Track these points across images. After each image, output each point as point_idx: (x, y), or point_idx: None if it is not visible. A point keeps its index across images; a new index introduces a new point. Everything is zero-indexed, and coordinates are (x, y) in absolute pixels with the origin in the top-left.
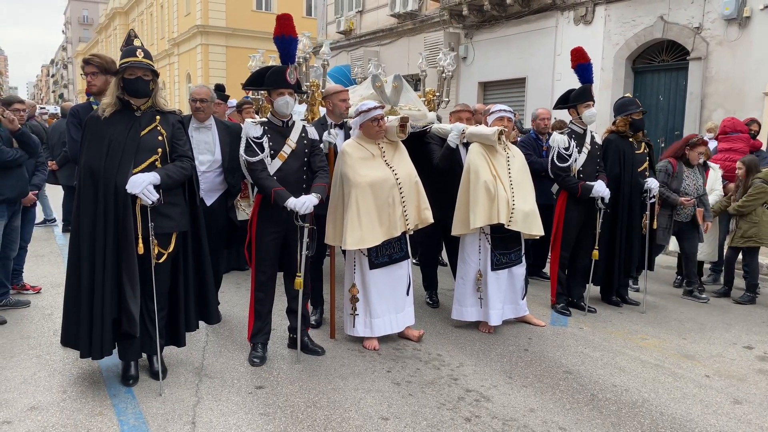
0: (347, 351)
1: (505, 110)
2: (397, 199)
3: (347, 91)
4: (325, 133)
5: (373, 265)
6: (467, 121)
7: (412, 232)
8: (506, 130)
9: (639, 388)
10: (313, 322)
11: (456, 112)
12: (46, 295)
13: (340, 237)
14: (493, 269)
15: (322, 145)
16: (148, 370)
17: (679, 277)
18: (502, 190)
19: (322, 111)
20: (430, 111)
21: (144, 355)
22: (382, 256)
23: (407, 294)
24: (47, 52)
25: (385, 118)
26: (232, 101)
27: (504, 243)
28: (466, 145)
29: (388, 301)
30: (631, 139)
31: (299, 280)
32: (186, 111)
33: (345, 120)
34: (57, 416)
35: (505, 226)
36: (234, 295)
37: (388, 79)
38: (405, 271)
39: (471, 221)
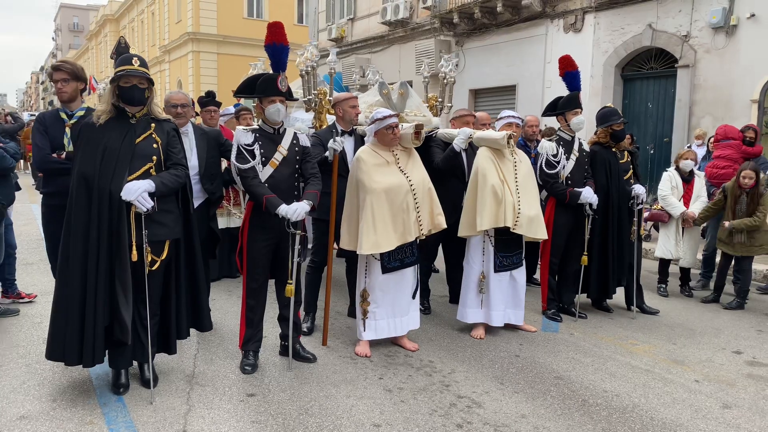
0: (339, 358)
1: (513, 116)
2: (411, 205)
3: (357, 97)
4: (331, 141)
5: (386, 270)
6: (471, 126)
7: (424, 237)
8: (515, 134)
9: (629, 393)
10: (305, 329)
11: (459, 117)
12: (36, 303)
13: (355, 242)
14: (496, 271)
15: (327, 153)
16: (138, 378)
17: (661, 285)
18: (508, 194)
19: (330, 118)
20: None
21: (135, 363)
22: (395, 260)
23: (413, 298)
24: (37, 59)
25: (400, 126)
26: (230, 108)
27: (507, 246)
28: (466, 151)
29: (393, 304)
30: (614, 149)
31: (290, 288)
32: None
33: (354, 127)
34: (47, 425)
35: (511, 230)
36: (225, 303)
37: (394, 86)
38: (413, 275)
39: (478, 224)
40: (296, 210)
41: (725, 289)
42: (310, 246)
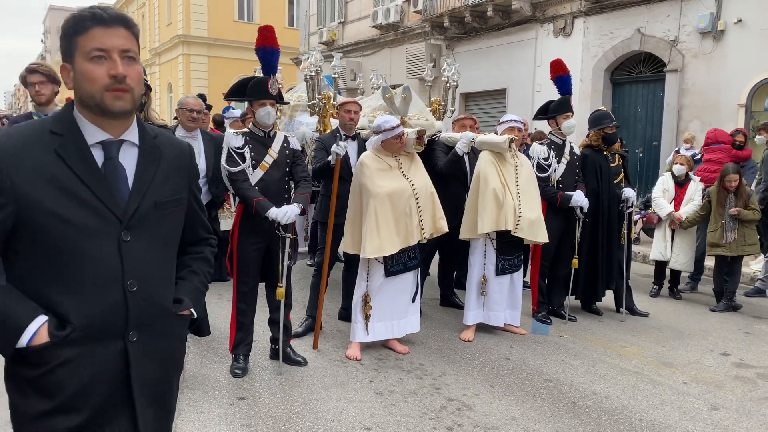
0: (330, 362)
1: (515, 120)
2: (413, 209)
3: (354, 102)
4: (334, 145)
5: (389, 273)
6: (471, 130)
7: (426, 241)
8: (517, 138)
9: (618, 395)
10: (300, 330)
11: (459, 120)
12: None
13: (358, 245)
14: (497, 274)
15: (330, 157)
16: None
17: (655, 286)
18: (509, 197)
19: (334, 123)
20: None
21: None
22: (398, 264)
23: (413, 301)
24: (25, 62)
25: (405, 132)
26: (236, 111)
27: (508, 248)
28: (468, 155)
29: (392, 307)
30: (605, 153)
31: (281, 291)
32: (167, 121)
33: (358, 132)
34: None
35: (512, 233)
36: (215, 306)
37: (397, 90)
38: (413, 279)
39: (479, 227)
40: (286, 213)
41: (707, 290)
42: (302, 249)
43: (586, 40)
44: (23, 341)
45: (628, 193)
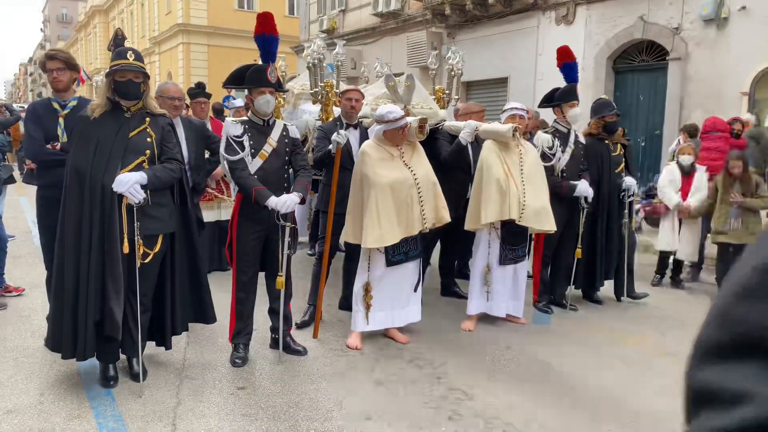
0: (330, 351)
1: (518, 108)
2: (415, 199)
3: (356, 90)
4: (335, 134)
5: (390, 263)
6: (476, 118)
7: (427, 231)
8: (520, 127)
9: (620, 384)
10: (306, 318)
11: (466, 114)
12: (24, 296)
13: (359, 235)
14: (501, 264)
15: (331, 146)
16: (128, 371)
17: (658, 275)
18: (513, 186)
19: (337, 111)
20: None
21: (123, 356)
22: (399, 253)
23: (414, 291)
24: (25, 50)
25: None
26: (238, 101)
27: (514, 238)
28: (472, 144)
29: (392, 296)
30: (607, 141)
31: (280, 280)
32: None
33: (360, 120)
34: (34, 419)
35: (516, 222)
36: (215, 296)
37: (401, 78)
38: (415, 268)
39: (482, 217)
40: (286, 202)
41: (709, 279)
42: (303, 238)
43: (588, 28)
44: None
45: (629, 181)
